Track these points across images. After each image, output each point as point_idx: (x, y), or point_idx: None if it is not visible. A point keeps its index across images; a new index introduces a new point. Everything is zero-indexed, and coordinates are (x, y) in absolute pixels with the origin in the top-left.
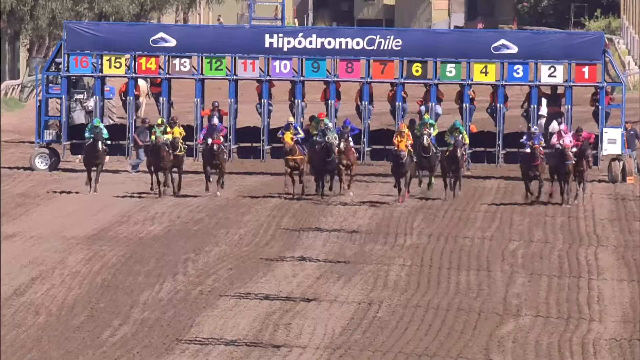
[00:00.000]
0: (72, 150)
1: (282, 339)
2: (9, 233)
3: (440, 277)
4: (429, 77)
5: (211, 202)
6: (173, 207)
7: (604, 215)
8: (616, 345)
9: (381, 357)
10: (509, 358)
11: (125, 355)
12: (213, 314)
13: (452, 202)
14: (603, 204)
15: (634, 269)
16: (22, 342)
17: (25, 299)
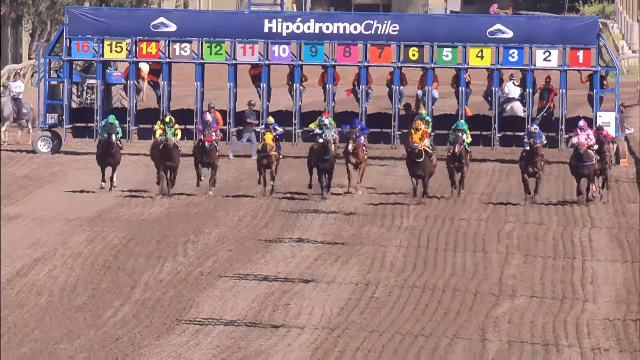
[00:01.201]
0: (73, 134)
1: (280, 319)
2: (11, 215)
3: (437, 259)
4: (425, 61)
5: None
6: (173, 190)
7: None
8: (610, 326)
9: (378, 338)
10: (504, 338)
11: (126, 335)
12: (213, 295)
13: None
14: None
15: (627, 250)
16: (25, 322)
17: (27, 279)
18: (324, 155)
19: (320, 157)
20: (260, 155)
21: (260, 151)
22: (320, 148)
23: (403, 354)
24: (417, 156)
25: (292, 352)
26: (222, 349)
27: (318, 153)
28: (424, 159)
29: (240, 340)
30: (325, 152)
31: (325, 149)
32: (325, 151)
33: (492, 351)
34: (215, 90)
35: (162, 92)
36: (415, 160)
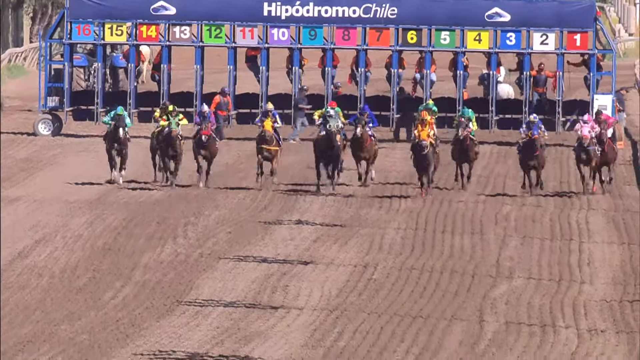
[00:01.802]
0: (74, 117)
1: (279, 300)
2: (12, 197)
3: (435, 241)
4: (423, 44)
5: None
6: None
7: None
8: (606, 307)
9: (376, 319)
10: (502, 319)
11: (126, 317)
12: (212, 277)
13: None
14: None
15: (623, 232)
16: (26, 304)
17: (29, 261)
18: (328, 146)
19: (325, 148)
20: (259, 146)
21: (259, 140)
22: (325, 139)
23: (401, 336)
24: (423, 149)
25: (291, 333)
26: (221, 330)
27: (323, 144)
28: (429, 151)
29: (240, 322)
30: (330, 143)
31: (329, 140)
32: (330, 142)
33: (490, 332)
34: (214, 73)
35: (162, 75)
36: (420, 153)
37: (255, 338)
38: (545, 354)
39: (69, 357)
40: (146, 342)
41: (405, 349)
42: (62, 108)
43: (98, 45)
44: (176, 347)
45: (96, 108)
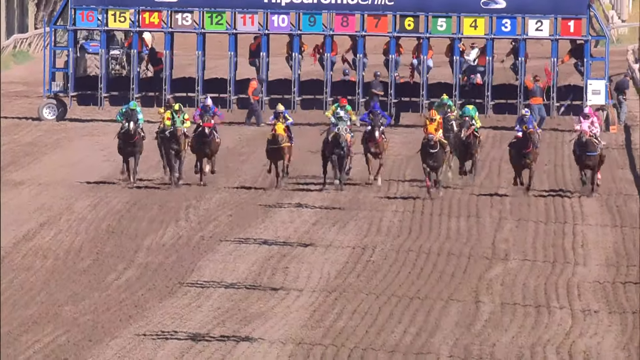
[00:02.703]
0: (78, 101)
1: (279, 282)
2: (17, 180)
3: (432, 223)
4: (420, 31)
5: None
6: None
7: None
8: (600, 288)
9: (374, 300)
10: (497, 300)
11: (129, 298)
12: (214, 259)
13: None
14: None
15: (617, 215)
16: (31, 285)
17: (33, 243)
18: (337, 147)
19: (332, 149)
20: (270, 147)
21: (270, 141)
22: (333, 140)
23: (399, 316)
24: (432, 147)
25: (290, 314)
26: (222, 311)
27: (331, 145)
28: (438, 150)
29: (241, 303)
30: (337, 144)
31: (337, 141)
32: (338, 143)
33: (486, 313)
34: (215, 59)
35: (165, 61)
36: (429, 151)
37: (255, 319)
38: (540, 334)
39: (73, 337)
40: (149, 323)
41: (402, 329)
42: (66, 93)
43: (102, 32)
44: (178, 328)
45: (100, 93)
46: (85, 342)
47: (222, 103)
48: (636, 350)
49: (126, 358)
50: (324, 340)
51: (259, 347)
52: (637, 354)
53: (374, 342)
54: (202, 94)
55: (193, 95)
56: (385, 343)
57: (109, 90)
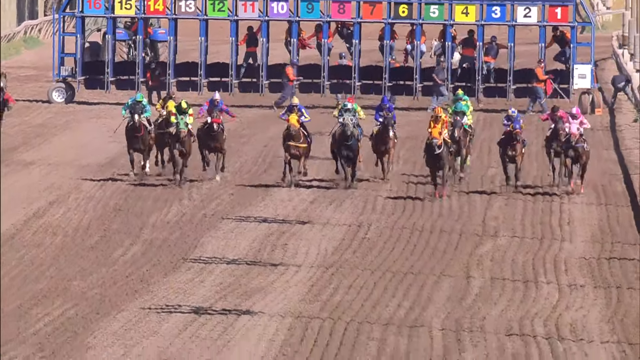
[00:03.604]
0: (86, 85)
1: (279, 258)
2: (28, 160)
3: (424, 202)
4: (414, 17)
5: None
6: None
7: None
8: (585, 264)
9: (370, 275)
10: (487, 275)
11: (135, 273)
12: (216, 235)
13: None
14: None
15: (601, 194)
16: (41, 260)
17: (44, 221)
18: (345, 141)
19: (341, 143)
20: (287, 144)
21: (286, 137)
22: (340, 134)
23: (393, 291)
24: (435, 149)
25: (289, 289)
26: (224, 286)
27: (339, 139)
28: (443, 150)
29: (242, 278)
30: (345, 138)
31: (344, 135)
32: (346, 137)
33: (476, 287)
34: (217, 44)
35: (169, 46)
36: (433, 152)
37: (256, 293)
38: (528, 308)
39: (81, 310)
40: (154, 297)
41: (396, 303)
42: (74, 77)
43: (108, 19)
44: (182, 302)
45: (106, 77)
46: (93, 315)
47: (223, 87)
48: (620, 323)
49: (132, 330)
50: (322, 313)
51: (259, 320)
52: (620, 326)
53: (369, 316)
54: (205, 78)
55: (196, 79)
56: (380, 316)
57: (115, 74)
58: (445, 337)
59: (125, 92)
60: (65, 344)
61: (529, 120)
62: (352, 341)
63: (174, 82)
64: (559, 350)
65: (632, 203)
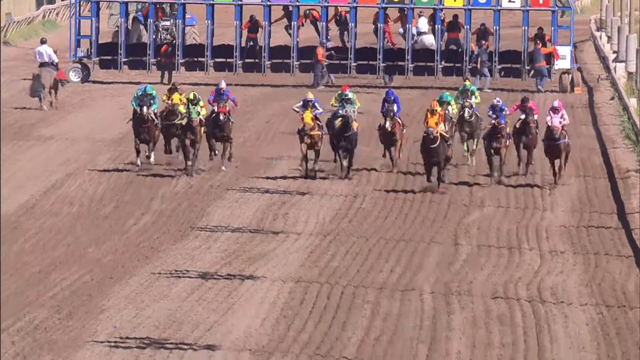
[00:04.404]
0: (100, 65)
1: (280, 226)
2: (47, 136)
3: (416, 175)
4: (406, 1)
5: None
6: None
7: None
8: (565, 232)
9: (365, 242)
10: (474, 242)
11: (146, 241)
12: (221, 205)
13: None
14: None
15: (581, 167)
16: (59, 229)
17: (61, 192)
18: (344, 132)
19: (340, 134)
20: (301, 135)
21: (301, 130)
22: (340, 125)
23: (386, 257)
24: (432, 142)
25: (290, 255)
26: (229, 252)
27: (338, 130)
28: (440, 144)
29: (245, 245)
30: (345, 129)
31: (345, 126)
32: (346, 128)
33: (464, 254)
34: (222, 27)
35: (177, 30)
36: (429, 146)
37: (259, 259)
38: (512, 273)
39: (96, 275)
40: (163, 263)
41: (389, 268)
42: (89, 58)
43: (121, 3)
44: (190, 267)
45: (119, 58)
46: (107, 280)
47: (228, 67)
48: (597, 287)
49: (143, 294)
50: (320, 278)
51: (261, 285)
52: (598, 290)
53: (364, 280)
54: (211, 59)
55: (202, 60)
56: (375, 281)
57: (128, 55)
58: (435, 300)
59: (137, 71)
60: (81, 307)
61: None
62: (348, 304)
63: (183, 62)
64: (540, 312)
65: (609, 175)
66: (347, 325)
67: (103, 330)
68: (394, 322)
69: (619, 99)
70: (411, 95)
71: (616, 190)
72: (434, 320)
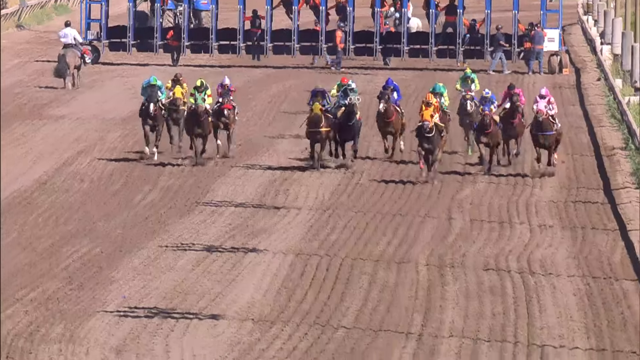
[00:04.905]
0: (110, 48)
1: (281, 201)
2: (58, 115)
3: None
4: None
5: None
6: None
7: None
8: (554, 207)
9: (362, 216)
10: (467, 217)
11: (154, 215)
12: (225, 182)
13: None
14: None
15: (569, 145)
16: (70, 204)
17: (72, 169)
18: (348, 120)
19: (344, 123)
20: (310, 130)
21: (310, 124)
22: (344, 114)
23: (383, 230)
24: (428, 132)
25: (291, 229)
26: (233, 227)
27: (342, 119)
28: (435, 133)
29: (248, 219)
30: (349, 118)
31: (349, 115)
32: (349, 117)
33: (457, 228)
34: (227, 12)
35: (183, 14)
36: (424, 135)
37: (261, 233)
38: (503, 245)
39: (105, 248)
40: (170, 236)
41: (386, 241)
42: (99, 40)
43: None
44: (195, 241)
45: (128, 41)
46: (117, 252)
47: (232, 49)
48: (584, 260)
49: (151, 266)
50: (319, 251)
51: (264, 257)
52: (585, 262)
53: (362, 252)
54: (215, 42)
55: (208, 43)
56: (372, 253)
57: (136, 38)
58: (430, 271)
59: (144, 53)
60: (91, 278)
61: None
62: (346, 275)
63: (189, 45)
64: (530, 283)
65: (595, 153)
66: (345, 295)
67: (112, 301)
68: (391, 292)
69: (605, 79)
70: (406, 77)
71: (602, 167)
72: (428, 291)
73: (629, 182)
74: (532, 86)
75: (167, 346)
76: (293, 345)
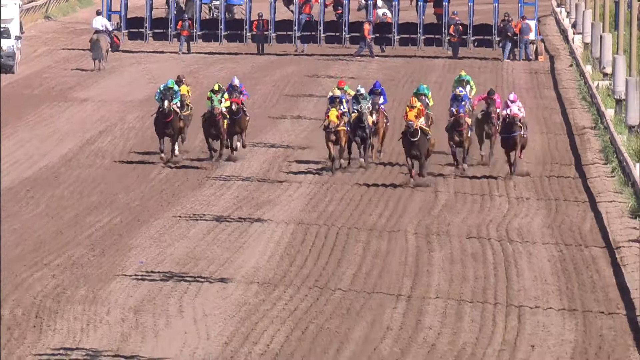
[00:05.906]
0: (129, 37)
1: (284, 176)
2: (82, 98)
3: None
4: None
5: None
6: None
7: (521, 86)
8: (530, 181)
9: (357, 189)
10: (451, 190)
11: (169, 188)
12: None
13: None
14: (521, 77)
15: (543, 124)
16: (92, 178)
17: (94, 146)
18: (361, 123)
19: (356, 127)
20: (327, 132)
21: (326, 127)
22: (356, 119)
23: (376, 202)
24: (413, 135)
25: (292, 202)
26: (240, 199)
27: (354, 123)
28: (420, 138)
29: (254, 192)
30: (361, 121)
31: (360, 120)
32: (362, 120)
33: (442, 200)
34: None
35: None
36: (410, 139)
37: (265, 204)
38: (484, 216)
39: (125, 218)
40: (183, 208)
41: (379, 212)
42: (119, 30)
43: None
44: (206, 212)
45: (145, 30)
46: (135, 222)
47: (239, 38)
48: (558, 229)
49: (166, 235)
50: (318, 221)
51: (268, 227)
52: (558, 231)
53: (357, 222)
54: (224, 31)
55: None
56: (366, 223)
57: (152, 28)
58: (418, 239)
59: (160, 42)
60: (112, 245)
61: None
62: (342, 243)
63: (200, 34)
64: (508, 250)
65: (567, 132)
66: (342, 261)
67: (131, 266)
68: (383, 258)
69: (576, 66)
70: (397, 63)
71: (574, 145)
72: (416, 257)
73: (597, 158)
74: (512, 72)
75: (181, 307)
76: (294, 306)
